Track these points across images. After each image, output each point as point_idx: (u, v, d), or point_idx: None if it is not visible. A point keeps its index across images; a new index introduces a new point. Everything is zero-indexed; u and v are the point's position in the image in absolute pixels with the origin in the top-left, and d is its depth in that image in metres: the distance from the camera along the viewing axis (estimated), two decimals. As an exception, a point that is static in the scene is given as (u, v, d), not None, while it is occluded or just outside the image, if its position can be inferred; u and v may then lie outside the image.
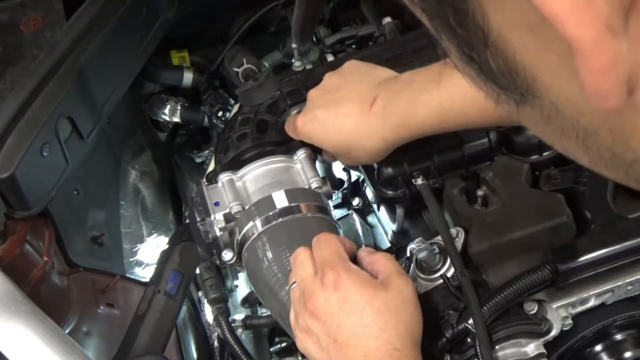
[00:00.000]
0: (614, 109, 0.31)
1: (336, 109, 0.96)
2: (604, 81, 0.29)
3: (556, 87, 0.33)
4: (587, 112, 0.33)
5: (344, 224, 1.24)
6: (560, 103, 0.33)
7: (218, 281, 1.14)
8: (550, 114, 0.34)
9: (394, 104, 0.91)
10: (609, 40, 0.28)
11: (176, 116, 1.44)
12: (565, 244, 0.89)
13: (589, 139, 0.35)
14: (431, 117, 0.89)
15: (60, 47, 1.09)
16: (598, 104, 0.30)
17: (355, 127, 0.94)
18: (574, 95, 0.32)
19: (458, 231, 0.92)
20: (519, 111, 0.36)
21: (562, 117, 0.34)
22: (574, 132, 0.35)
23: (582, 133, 0.34)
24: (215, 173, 1.02)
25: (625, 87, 0.30)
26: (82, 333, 1.11)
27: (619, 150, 0.34)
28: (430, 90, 0.88)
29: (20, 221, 1.03)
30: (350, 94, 0.96)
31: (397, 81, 0.94)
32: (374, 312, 0.78)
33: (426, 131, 0.92)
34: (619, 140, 0.34)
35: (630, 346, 0.95)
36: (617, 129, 0.33)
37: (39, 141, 1.01)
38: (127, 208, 1.40)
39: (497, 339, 0.86)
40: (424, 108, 0.89)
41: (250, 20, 1.39)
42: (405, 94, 0.91)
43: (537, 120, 0.36)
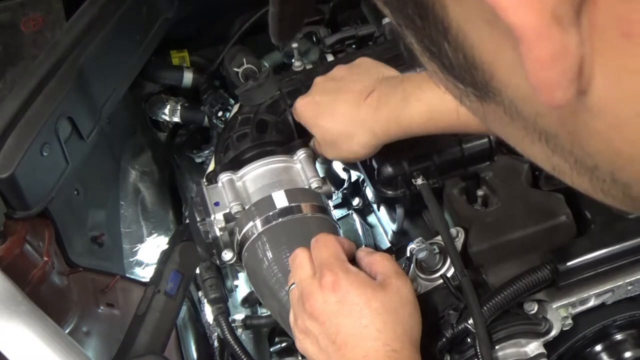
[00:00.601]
0: (561, 105, 0.30)
1: (335, 96, 0.97)
2: (549, 72, 0.28)
3: (512, 85, 0.32)
4: (544, 113, 0.32)
5: (344, 224, 1.24)
6: (518, 102, 0.33)
7: (218, 281, 1.14)
8: (512, 113, 0.34)
9: (388, 98, 0.92)
10: (554, 29, 0.27)
11: (176, 116, 1.44)
12: (566, 244, 0.89)
13: (551, 142, 0.34)
14: (419, 115, 0.90)
15: (60, 47, 1.09)
16: (544, 98, 0.30)
17: (347, 113, 0.94)
18: (529, 93, 0.31)
19: (458, 231, 0.92)
20: (483, 109, 0.36)
21: (522, 117, 0.33)
22: (536, 133, 0.34)
23: (544, 135, 0.33)
24: (215, 173, 1.02)
25: (573, 83, 0.29)
26: (82, 333, 1.11)
27: (579, 155, 0.33)
28: (423, 89, 0.89)
29: (20, 221, 1.03)
30: (350, 84, 0.97)
31: (396, 78, 0.95)
32: (372, 313, 0.78)
33: (414, 129, 0.92)
34: (577, 144, 0.33)
35: (630, 346, 0.95)
36: (574, 131, 0.32)
37: (39, 141, 1.01)
38: (127, 208, 1.40)
39: (497, 339, 0.86)
40: (414, 106, 0.89)
41: (250, 20, 1.40)
42: (399, 90, 0.91)
43: (501, 120, 0.35)
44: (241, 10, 1.43)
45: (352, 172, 1.20)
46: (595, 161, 0.33)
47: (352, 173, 1.20)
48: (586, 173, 0.34)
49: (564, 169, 0.35)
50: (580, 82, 0.29)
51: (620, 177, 0.32)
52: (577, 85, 0.29)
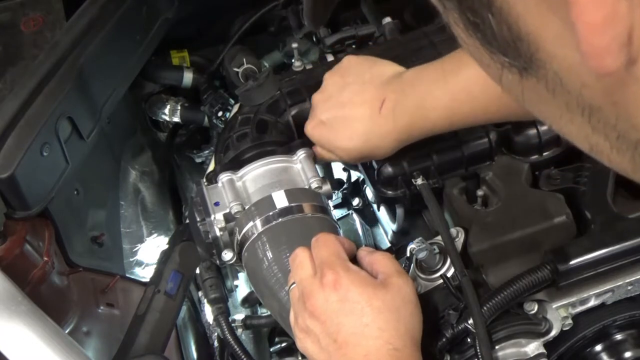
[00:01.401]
0: (611, 71, 0.30)
1: (344, 113, 0.96)
2: (600, 37, 0.29)
3: (559, 55, 0.32)
4: (590, 84, 0.32)
5: (344, 224, 1.24)
6: (564, 73, 0.33)
7: (218, 281, 1.14)
8: (555, 86, 0.34)
9: (403, 105, 0.91)
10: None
11: (176, 116, 1.45)
12: (566, 244, 0.89)
13: (594, 116, 0.33)
14: (440, 118, 0.90)
15: (60, 47, 1.09)
16: (594, 64, 0.30)
17: (367, 131, 0.94)
18: (576, 64, 0.31)
19: (458, 231, 0.92)
20: (522, 85, 0.36)
21: (566, 90, 0.33)
22: (579, 108, 0.34)
23: (587, 109, 0.33)
24: (215, 173, 1.02)
25: (623, 50, 0.29)
26: (82, 333, 1.11)
27: (623, 129, 0.33)
28: (437, 93, 0.89)
29: (20, 221, 1.03)
30: (355, 96, 0.96)
31: (402, 81, 0.94)
32: (373, 311, 0.78)
33: (436, 130, 0.93)
34: (623, 116, 0.33)
35: (630, 346, 0.95)
36: (621, 102, 0.32)
37: (39, 141, 1.01)
38: (127, 208, 1.40)
39: (497, 339, 0.86)
40: (433, 110, 0.90)
41: (250, 20, 1.40)
42: (412, 96, 0.91)
43: (541, 96, 0.35)
44: (241, 10, 1.43)
45: (352, 172, 1.20)
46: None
47: (352, 173, 1.20)
48: (628, 150, 0.34)
49: (602, 147, 0.35)
50: (630, 50, 0.29)
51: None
52: (627, 53, 0.29)
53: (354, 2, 1.40)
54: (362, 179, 1.18)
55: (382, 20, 1.29)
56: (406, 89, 0.92)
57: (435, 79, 0.89)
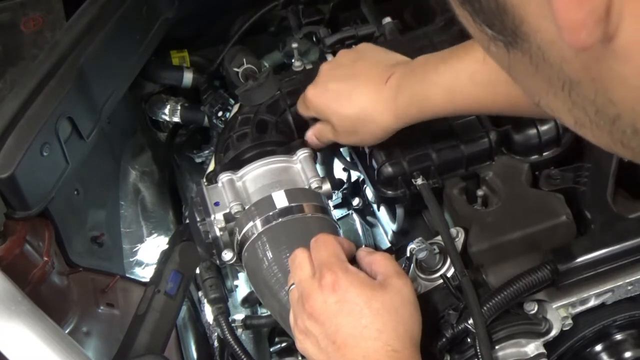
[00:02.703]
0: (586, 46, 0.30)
1: (351, 83, 0.95)
2: (575, 12, 0.29)
3: (542, 29, 0.32)
4: (569, 59, 0.33)
5: (344, 224, 1.24)
6: (546, 47, 0.33)
7: (218, 281, 1.14)
8: (538, 60, 0.34)
9: (408, 81, 0.91)
10: None
11: (176, 116, 1.44)
12: (566, 244, 0.89)
13: (574, 91, 0.34)
14: (440, 97, 0.89)
15: (60, 47, 1.09)
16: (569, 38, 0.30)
17: (369, 101, 0.93)
18: (557, 38, 0.31)
19: (458, 231, 0.92)
20: (509, 58, 0.36)
21: (548, 64, 0.34)
22: (559, 82, 0.34)
23: (568, 84, 0.34)
24: (215, 173, 1.02)
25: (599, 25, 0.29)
26: (82, 333, 1.11)
27: (601, 104, 0.33)
28: (441, 72, 0.88)
29: (20, 221, 1.03)
30: (365, 69, 0.96)
31: (413, 62, 0.94)
32: (372, 313, 0.78)
33: (436, 111, 0.91)
34: (600, 91, 0.33)
35: (630, 346, 0.95)
36: (598, 78, 0.32)
37: (39, 141, 1.01)
38: (127, 208, 1.40)
39: (497, 339, 0.86)
40: (434, 88, 0.88)
41: (250, 20, 1.39)
42: (418, 73, 0.91)
43: (526, 70, 0.36)
44: (241, 10, 1.43)
45: (352, 172, 1.20)
46: (618, 110, 0.33)
47: (352, 173, 1.20)
48: (606, 125, 0.34)
49: (584, 122, 0.35)
50: (607, 26, 0.29)
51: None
52: (603, 28, 0.29)
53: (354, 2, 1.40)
54: (362, 179, 1.18)
55: (382, 20, 1.29)
56: (414, 68, 0.92)
57: (442, 60, 0.89)
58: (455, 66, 0.87)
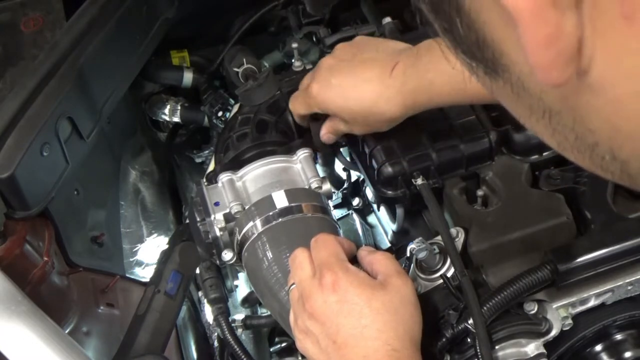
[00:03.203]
0: (558, 83, 0.31)
1: (355, 75, 0.95)
2: (545, 53, 0.29)
3: (520, 62, 0.33)
4: (547, 90, 0.33)
5: (344, 224, 1.24)
6: (525, 78, 0.34)
7: (218, 281, 1.14)
8: (519, 90, 0.35)
9: (414, 68, 0.90)
10: (551, 11, 0.28)
11: (176, 116, 1.44)
12: (565, 244, 0.89)
13: (554, 119, 0.35)
14: (448, 85, 0.88)
15: (60, 47, 1.09)
16: (541, 77, 0.31)
17: (376, 92, 0.92)
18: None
19: (458, 231, 0.92)
20: (491, 85, 0.37)
21: (528, 94, 0.34)
22: (540, 110, 0.35)
23: (548, 112, 0.35)
24: (215, 173, 1.02)
25: (570, 63, 0.30)
26: (82, 333, 1.11)
27: (580, 132, 0.34)
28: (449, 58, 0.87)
29: (20, 221, 1.03)
30: (369, 61, 0.95)
31: (418, 48, 0.93)
32: (372, 312, 0.78)
33: (444, 99, 0.91)
34: (578, 121, 0.34)
35: (630, 346, 0.95)
36: (576, 108, 0.33)
37: (39, 141, 1.01)
38: (127, 208, 1.40)
39: (497, 339, 0.86)
40: (441, 75, 0.88)
41: (250, 20, 1.39)
42: (424, 60, 0.90)
43: (508, 96, 0.36)
44: (241, 10, 1.43)
45: (352, 172, 1.20)
46: (596, 138, 0.34)
47: (352, 173, 1.20)
48: (586, 150, 0.35)
49: (565, 146, 0.36)
50: (579, 62, 0.30)
51: (619, 154, 0.34)
52: (575, 65, 0.30)
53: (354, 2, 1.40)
54: (362, 179, 1.18)
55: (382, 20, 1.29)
56: (421, 54, 0.91)
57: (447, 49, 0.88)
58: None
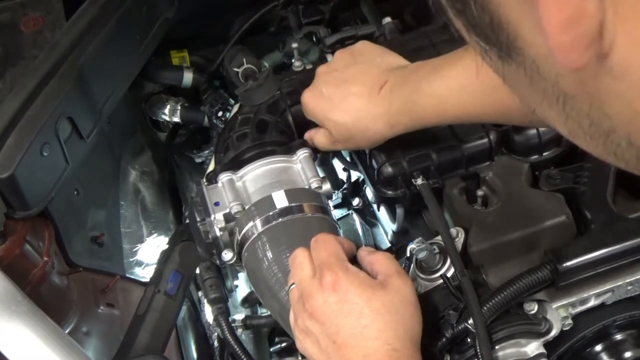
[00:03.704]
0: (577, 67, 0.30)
1: (345, 88, 0.95)
2: (565, 35, 0.29)
3: (536, 44, 0.33)
4: (564, 73, 0.33)
5: (344, 224, 1.24)
6: (541, 61, 0.33)
7: (218, 281, 1.14)
8: (533, 74, 0.34)
9: (400, 89, 0.91)
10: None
11: (176, 116, 1.44)
12: (565, 244, 0.89)
13: (568, 104, 0.34)
14: (431, 106, 0.89)
15: (60, 47, 1.09)
16: (561, 59, 0.30)
17: (362, 108, 0.93)
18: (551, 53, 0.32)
19: (458, 231, 0.92)
20: (504, 69, 0.36)
21: (543, 77, 0.34)
22: (554, 95, 0.35)
23: (562, 97, 0.34)
24: (215, 173, 1.02)
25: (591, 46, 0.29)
26: (82, 333, 1.11)
27: (596, 117, 0.34)
28: (432, 80, 0.88)
29: (20, 221, 1.02)
30: (360, 74, 0.96)
31: (407, 69, 0.94)
32: (372, 312, 0.78)
33: (427, 120, 0.92)
34: (595, 105, 0.33)
35: (630, 346, 0.95)
36: (594, 92, 0.33)
37: (39, 141, 1.01)
38: (127, 208, 1.40)
39: (497, 339, 0.86)
40: (425, 97, 0.89)
41: (250, 20, 1.40)
42: (410, 82, 0.91)
43: (521, 81, 0.36)
44: (241, 10, 1.43)
45: (352, 172, 1.20)
46: (613, 123, 0.33)
47: (352, 173, 1.20)
48: (600, 137, 0.35)
49: (578, 133, 0.36)
50: (600, 46, 0.30)
51: (636, 140, 0.33)
52: (596, 48, 0.30)
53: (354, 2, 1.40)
54: (362, 179, 1.18)
55: (382, 20, 1.29)
56: (407, 75, 0.92)
57: (434, 69, 0.89)
58: (446, 75, 0.87)
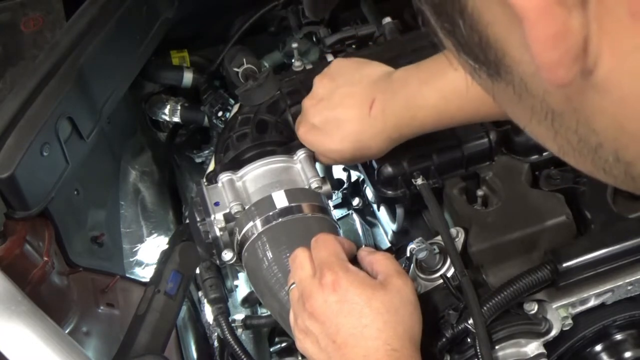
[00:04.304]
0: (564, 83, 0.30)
1: (335, 116, 0.95)
2: (551, 52, 0.29)
3: (524, 62, 0.33)
4: (551, 91, 0.33)
5: (344, 224, 1.24)
6: (528, 79, 0.34)
7: (218, 281, 1.14)
8: (521, 91, 0.34)
9: (392, 105, 0.91)
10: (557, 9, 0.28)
11: (176, 116, 1.45)
12: (565, 244, 0.89)
13: (556, 121, 0.34)
14: (428, 117, 0.90)
15: (60, 47, 1.09)
16: (547, 77, 0.30)
17: (358, 132, 0.93)
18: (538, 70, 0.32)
19: (458, 231, 0.92)
20: (493, 88, 0.37)
21: (531, 95, 0.34)
22: (542, 112, 0.35)
23: (550, 114, 0.34)
24: (215, 173, 1.02)
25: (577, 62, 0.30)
26: (82, 333, 1.11)
27: (583, 134, 0.34)
28: (426, 93, 0.88)
29: (20, 221, 1.02)
30: (345, 99, 0.95)
31: (392, 80, 0.93)
32: (372, 312, 0.78)
33: (426, 129, 0.93)
34: (582, 122, 0.33)
35: (630, 346, 0.95)
36: (580, 109, 0.33)
37: (39, 141, 1.01)
38: (127, 208, 1.40)
39: (497, 339, 0.86)
40: (421, 109, 0.89)
41: (250, 20, 1.40)
42: (400, 96, 0.91)
43: (510, 99, 0.36)
44: (241, 10, 1.43)
45: (352, 172, 1.20)
46: (600, 139, 0.33)
47: (352, 173, 1.20)
48: (589, 153, 0.35)
49: (567, 149, 0.36)
50: (585, 61, 0.30)
51: (623, 156, 0.33)
52: (581, 64, 0.30)
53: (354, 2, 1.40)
54: (362, 179, 1.18)
55: (382, 20, 1.29)
56: (395, 89, 0.92)
57: (424, 79, 0.89)
58: (440, 88, 0.87)
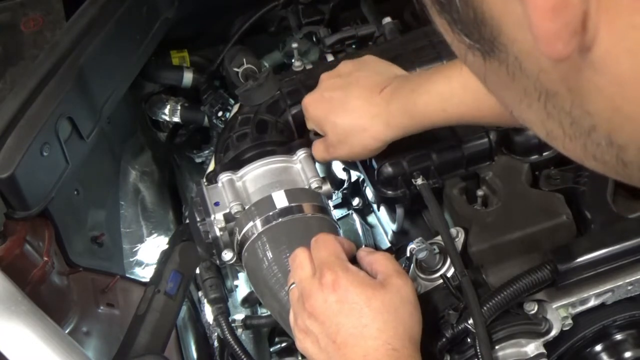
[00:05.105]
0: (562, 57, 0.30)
1: (346, 91, 0.96)
2: (550, 23, 0.29)
3: (519, 39, 0.33)
4: (547, 69, 0.33)
5: (344, 224, 1.24)
6: (523, 57, 0.33)
7: (218, 281, 1.14)
8: (515, 70, 0.34)
9: (400, 90, 0.91)
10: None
11: (176, 116, 1.45)
12: (565, 244, 0.89)
13: (550, 102, 0.34)
14: (432, 105, 0.89)
15: (60, 47, 1.09)
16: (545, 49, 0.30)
17: (360, 108, 0.93)
18: (535, 49, 0.32)
19: (458, 231, 0.92)
20: (485, 68, 0.36)
21: (525, 75, 0.34)
22: (536, 93, 0.34)
23: (544, 94, 0.34)
24: (215, 173, 1.02)
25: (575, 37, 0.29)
26: (82, 333, 1.11)
27: (577, 115, 0.34)
28: (434, 80, 0.88)
29: (20, 221, 1.03)
30: (362, 79, 0.96)
31: (410, 75, 0.96)
32: (372, 312, 0.78)
33: (427, 121, 0.91)
34: (577, 102, 0.33)
35: (630, 346, 0.95)
36: (576, 88, 0.32)
37: (39, 141, 1.01)
38: (127, 208, 1.40)
39: (497, 339, 0.86)
40: (426, 96, 0.88)
41: (250, 20, 1.40)
42: (411, 83, 0.91)
43: (502, 80, 0.36)
44: (241, 10, 1.43)
45: (352, 172, 1.20)
46: (594, 121, 0.33)
47: (352, 173, 1.20)
48: (581, 137, 0.34)
49: (557, 134, 0.35)
50: (583, 38, 0.30)
51: (617, 139, 0.33)
52: (579, 40, 0.30)
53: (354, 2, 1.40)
54: (362, 179, 1.18)
55: (382, 20, 1.29)
56: (409, 78, 0.94)
57: (437, 70, 0.90)
58: (448, 75, 0.87)
